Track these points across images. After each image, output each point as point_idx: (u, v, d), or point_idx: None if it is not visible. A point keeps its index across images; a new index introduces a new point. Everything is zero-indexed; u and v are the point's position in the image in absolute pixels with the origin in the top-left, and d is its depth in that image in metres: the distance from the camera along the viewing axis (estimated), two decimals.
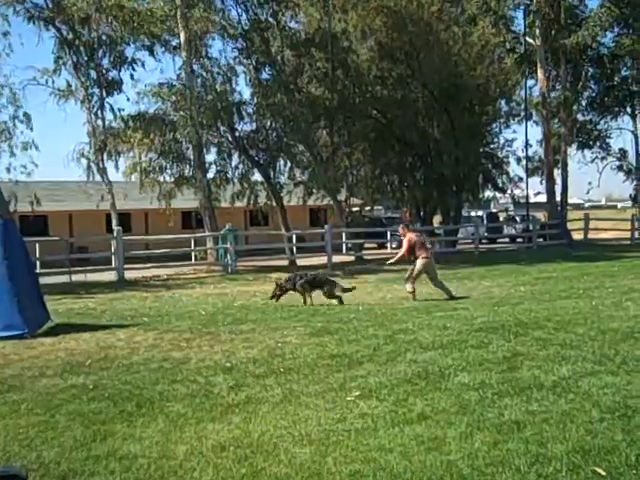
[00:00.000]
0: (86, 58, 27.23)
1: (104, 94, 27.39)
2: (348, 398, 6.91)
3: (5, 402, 7.25)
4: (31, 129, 25.42)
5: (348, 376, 7.84)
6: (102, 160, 27.00)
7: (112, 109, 27.66)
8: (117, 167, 28.63)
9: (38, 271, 21.55)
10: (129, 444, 5.79)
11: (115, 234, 23.96)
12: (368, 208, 40.32)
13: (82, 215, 35.50)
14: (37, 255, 24.33)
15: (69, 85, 27.35)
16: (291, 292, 15.31)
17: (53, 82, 27.22)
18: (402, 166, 34.86)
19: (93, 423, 6.41)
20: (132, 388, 7.67)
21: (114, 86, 27.60)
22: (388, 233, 36.95)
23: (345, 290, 15.56)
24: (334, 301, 15.12)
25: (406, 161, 35.00)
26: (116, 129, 27.88)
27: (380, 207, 46.91)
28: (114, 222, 26.10)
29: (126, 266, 23.52)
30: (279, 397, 7.10)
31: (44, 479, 5.10)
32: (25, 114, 25.20)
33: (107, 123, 27.70)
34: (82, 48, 27.09)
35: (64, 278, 21.48)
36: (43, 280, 19.49)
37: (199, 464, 5.32)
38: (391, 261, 17.20)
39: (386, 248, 36.69)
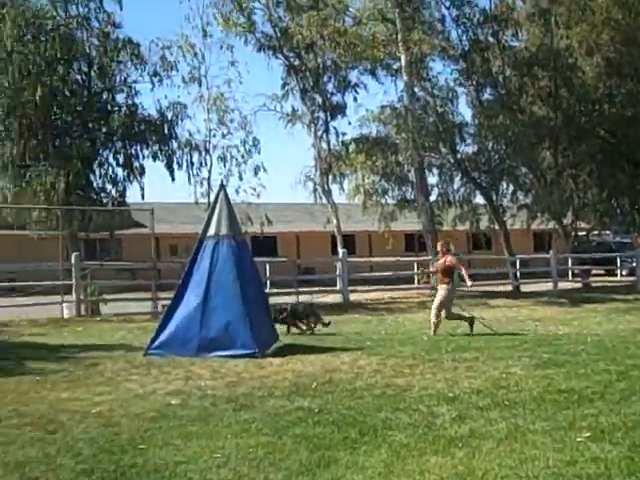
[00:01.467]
0: (311, 83, 28.29)
1: (328, 118, 28.27)
2: (578, 439, 6.53)
3: (237, 421, 7.54)
4: (259, 152, 26.71)
5: (577, 414, 7.44)
6: (327, 182, 27.81)
7: (336, 132, 28.50)
8: (342, 189, 29.40)
9: (267, 291, 22.53)
10: (352, 473, 5.81)
11: (340, 256, 24.49)
12: (596, 232, 38.47)
13: (309, 236, 36.68)
14: (267, 275, 25.48)
15: (295, 110, 28.53)
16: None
17: (282, 107, 28.58)
18: (633, 188, 32.98)
19: (318, 448, 6.51)
20: (355, 414, 7.73)
21: (338, 110, 28.42)
22: (618, 259, 35.04)
23: (324, 324, 15.37)
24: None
25: (637, 183, 33.07)
26: (339, 152, 28.64)
27: (608, 232, 44.66)
28: (339, 244, 26.72)
29: (350, 288, 23.94)
30: (504, 432, 6.86)
31: None
32: (254, 139, 26.51)
33: (332, 147, 28.52)
34: (308, 74, 28.17)
35: (291, 299, 22.20)
36: (272, 300, 20.38)
37: None
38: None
39: (615, 275, 34.79)
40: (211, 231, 12.67)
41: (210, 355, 11.64)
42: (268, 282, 26.00)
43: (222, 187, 13.52)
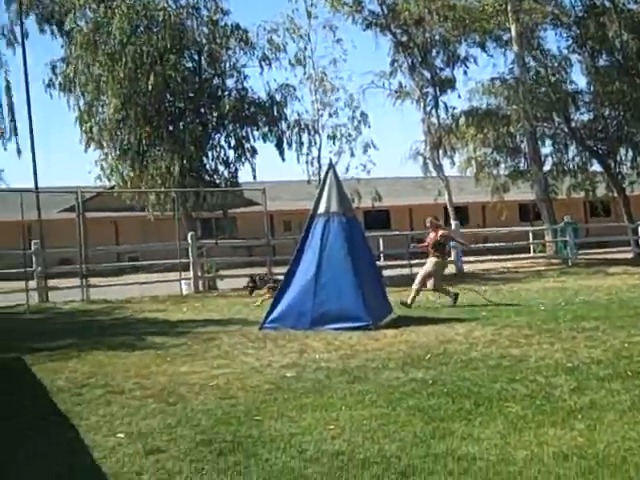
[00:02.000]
0: (420, 59, 27.97)
1: (438, 93, 27.96)
2: None
3: (351, 393, 7.57)
4: (368, 127, 26.62)
5: None
6: (437, 157, 27.57)
7: (445, 107, 28.19)
8: (453, 162, 29.13)
9: (381, 264, 22.54)
10: (467, 444, 5.74)
11: (453, 227, 24.23)
12: None
13: (421, 209, 36.44)
14: (381, 249, 25.49)
15: (402, 86, 28.32)
16: None
17: (390, 84, 28.41)
18: None
19: (432, 419, 6.46)
20: (470, 385, 7.63)
21: (447, 84, 28.06)
22: None
23: None
24: None
25: None
26: (449, 126, 28.33)
27: None
28: (451, 215, 26.44)
29: (464, 259, 23.67)
30: (627, 404, 6.63)
31: (385, 473, 5.22)
32: (362, 114, 26.44)
33: (441, 121, 28.23)
34: (416, 50, 27.86)
35: (405, 271, 22.13)
36: (386, 273, 20.39)
37: (540, 473, 5.09)
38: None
39: None
40: (321, 209, 12.76)
41: (324, 328, 11.75)
42: (382, 255, 26.10)
43: (331, 166, 13.60)
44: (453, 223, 24.57)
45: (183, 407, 7.24)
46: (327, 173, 13.30)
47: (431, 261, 15.36)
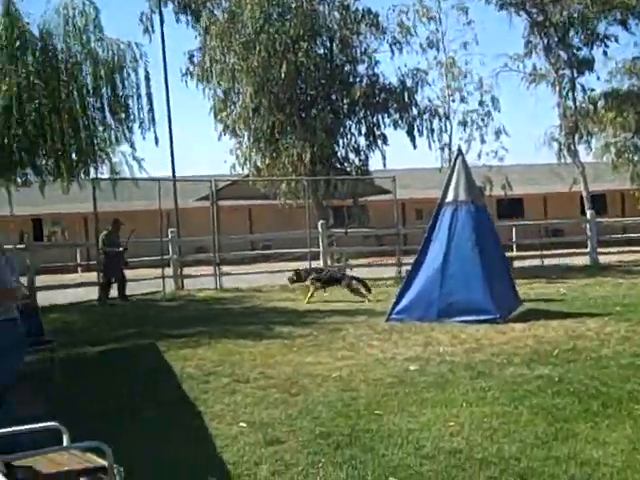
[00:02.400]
0: (556, 39, 26.95)
1: (575, 74, 26.87)
2: None
3: (474, 388, 7.46)
4: (498, 111, 26.02)
5: None
6: (573, 142, 26.58)
7: (583, 89, 27.09)
8: (589, 148, 28.00)
9: (513, 254, 22.06)
10: (591, 448, 5.54)
11: (588, 217, 23.37)
12: None
13: (556, 197, 35.38)
14: (513, 239, 24.96)
15: (536, 69, 27.48)
16: None
17: (524, 67, 27.61)
18: None
19: (556, 420, 6.28)
20: (599, 385, 7.36)
21: (585, 65, 26.92)
22: None
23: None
24: None
25: None
26: (587, 109, 27.24)
27: None
28: (587, 204, 25.49)
29: (600, 250, 22.78)
30: None
31: (503, 475, 5.11)
32: (493, 98, 25.87)
33: (578, 104, 27.17)
34: (552, 29, 26.88)
35: (537, 262, 21.56)
36: (516, 264, 19.91)
37: None
38: None
39: None
40: (449, 197, 12.60)
41: (450, 320, 11.62)
42: (514, 245, 25.52)
43: (460, 153, 13.41)
44: (588, 213, 23.64)
45: (305, 398, 7.34)
46: (455, 160, 13.13)
47: None
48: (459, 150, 13.81)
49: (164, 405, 7.31)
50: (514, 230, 26.48)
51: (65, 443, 4.58)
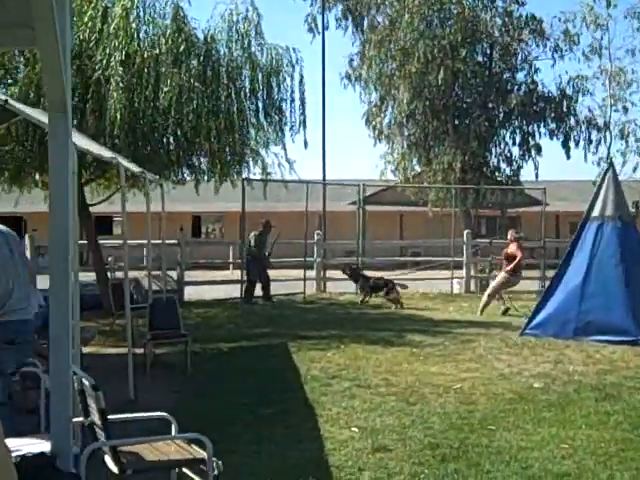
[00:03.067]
0: None
1: None
2: None
3: (597, 411, 7.22)
4: None
5: None
6: None
7: None
8: None
9: None
10: None
11: None
12: None
13: None
14: None
15: None
16: None
17: None
18: None
19: None
20: None
21: None
22: None
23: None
24: None
25: None
26: None
27: None
28: None
29: None
30: None
31: None
32: None
33: None
34: None
35: None
36: None
37: None
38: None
39: None
40: (596, 212, 12.19)
41: (588, 339, 11.23)
42: None
43: (610, 165, 12.90)
44: None
45: (421, 408, 7.35)
46: (605, 173, 12.65)
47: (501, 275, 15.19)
48: (610, 163, 13.28)
49: (282, 404, 7.53)
50: None
51: (173, 433, 4.86)
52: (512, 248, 15.15)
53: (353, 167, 72.45)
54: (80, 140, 7.09)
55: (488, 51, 24.98)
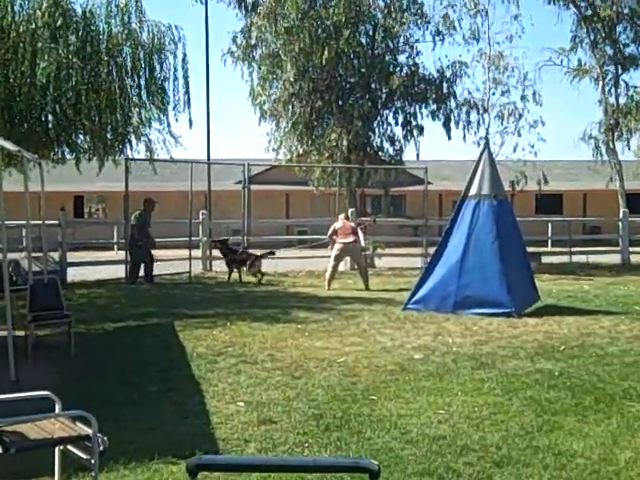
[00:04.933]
0: (603, 34, 26.65)
1: (619, 71, 26.57)
2: None
3: (472, 379, 7.59)
4: (540, 105, 25.73)
5: None
6: (612, 139, 26.29)
7: (627, 86, 26.79)
8: (628, 146, 27.66)
9: (543, 250, 21.96)
10: (572, 440, 5.65)
11: (621, 215, 23.12)
12: None
13: (596, 195, 35.03)
14: (549, 234, 24.94)
15: (581, 64, 27.20)
16: None
17: (568, 61, 27.36)
18: None
19: (545, 412, 6.39)
20: (597, 381, 7.44)
21: (630, 62, 26.60)
22: None
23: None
24: None
25: None
26: (629, 107, 26.92)
27: None
28: (621, 203, 25.17)
29: (633, 249, 22.51)
30: None
31: (480, 461, 5.25)
32: (534, 93, 25.61)
33: (620, 102, 26.86)
34: (600, 24, 26.58)
35: (564, 258, 21.41)
36: (546, 260, 19.86)
37: (639, 476, 4.97)
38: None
39: None
40: (473, 190, 12.63)
41: (466, 312, 11.71)
42: (549, 241, 25.48)
43: (486, 146, 13.36)
44: (622, 211, 23.39)
45: (306, 381, 7.53)
46: (481, 154, 13.10)
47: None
48: (486, 143, 13.77)
49: (168, 382, 7.55)
50: (550, 226, 26.39)
51: (57, 411, 4.84)
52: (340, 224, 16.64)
53: (241, 145, 71.97)
54: None
55: (371, 32, 25.28)
